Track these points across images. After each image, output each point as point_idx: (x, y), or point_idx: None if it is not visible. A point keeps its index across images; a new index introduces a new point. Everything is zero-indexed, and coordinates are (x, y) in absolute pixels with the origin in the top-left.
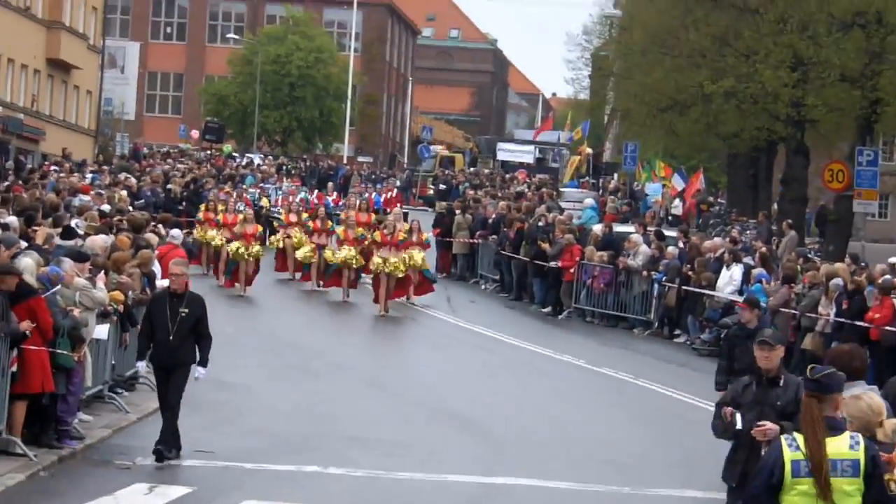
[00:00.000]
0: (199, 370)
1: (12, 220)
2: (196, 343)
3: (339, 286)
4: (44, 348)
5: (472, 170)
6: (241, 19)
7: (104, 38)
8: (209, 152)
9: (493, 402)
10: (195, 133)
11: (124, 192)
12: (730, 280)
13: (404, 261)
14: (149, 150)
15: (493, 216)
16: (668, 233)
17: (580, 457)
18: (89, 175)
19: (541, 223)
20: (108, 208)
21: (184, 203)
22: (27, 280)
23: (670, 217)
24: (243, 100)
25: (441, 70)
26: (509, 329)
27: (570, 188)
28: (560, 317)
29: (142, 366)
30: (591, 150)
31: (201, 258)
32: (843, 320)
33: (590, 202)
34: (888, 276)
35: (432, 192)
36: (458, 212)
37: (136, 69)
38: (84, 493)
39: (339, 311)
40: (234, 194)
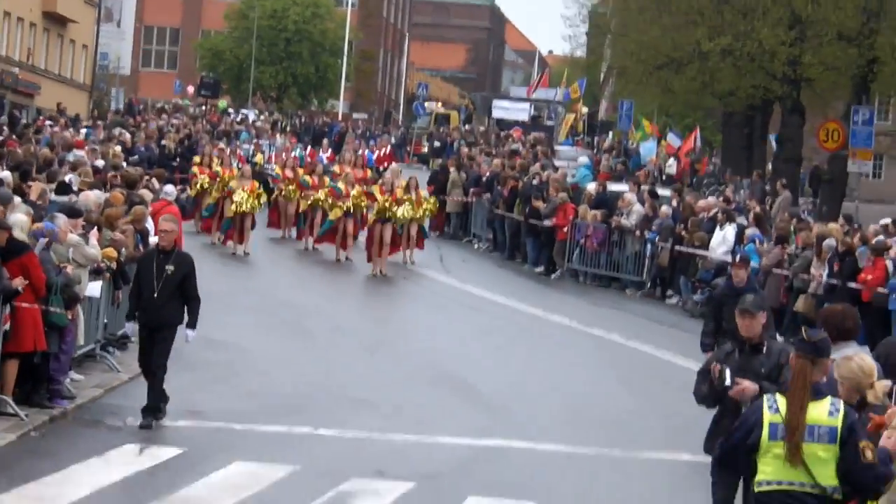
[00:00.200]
0: (188, 332)
1: (6, 175)
2: (184, 304)
3: (332, 244)
4: (36, 306)
5: (467, 127)
6: None
7: None
8: (204, 108)
9: (485, 364)
10: (191, 89)
11: (118, 148)
12: (723, 240)
13: (411, 207)
14: (143, 106)
15: (488, 174)
16: (661, 192)
17: (572, 418)
18: (84, 130)
19: (535, 181)
20: (102, 164)
21: (178, 159)
22: (18, 236)
23: (664, 176)
24: (239, 55)
25: (438, 26)
26: (502, 289)
27: (564, 146)
28: (553, 276)
29: (130, 326)
30: (586, 109)
31: (195, 213)
32: (835, 281)
33: (584, 160)
34: (881, 238)
35: (427, 149)
36: (452, 169)
37: (133, 23)
38: (75, 454)
39: (333, 270)
40: (227, 150)
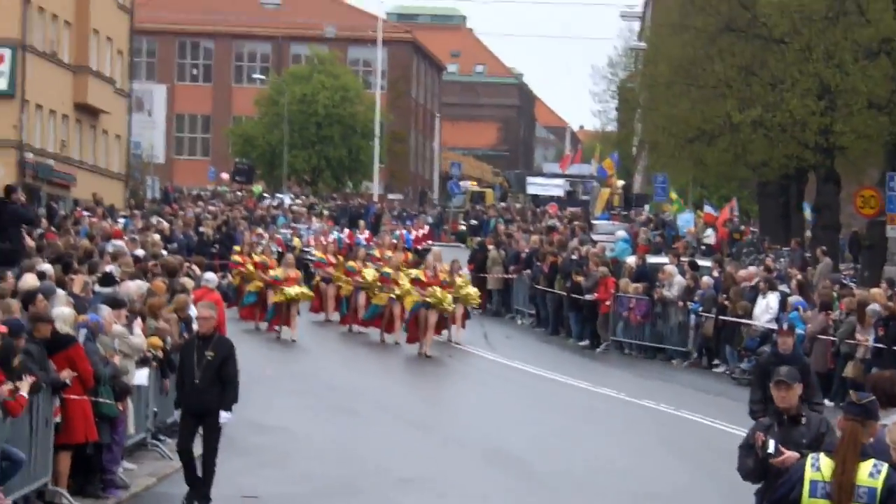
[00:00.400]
0: (223, 414)
1: (48, 268)
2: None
3: (377, 328)
4: (85, 397)
5: (503, 205)
6: (266, 60)
7: (131, 81)
8: (240, 193)
9: (535, 439)
10: (225, 175)
11: (157, 236)
12: (766, 308)
13: (455, 293)
14: (179, 194)
15: (526, 251)
16: (701, 262)
17: (623, 492)
18: (121, 220)
19: (574, 256)
20: (141, 253)
21: (216, 245)
22: (62, 329)
23: (703, 247)
24: (271, 140)
25: (467, 105)
26: (547, 364)
27: (601, 220)
28: (598, 350)
29: (178, 415)
30: (622, 182)
31: (238, 300)
32: (881, 346)
33: (622, 234)
34: None
35: (464, 227)
36: (491, 247)
37: (164, 111)
38: None
39: (378, 351)
40: (265, 236)
